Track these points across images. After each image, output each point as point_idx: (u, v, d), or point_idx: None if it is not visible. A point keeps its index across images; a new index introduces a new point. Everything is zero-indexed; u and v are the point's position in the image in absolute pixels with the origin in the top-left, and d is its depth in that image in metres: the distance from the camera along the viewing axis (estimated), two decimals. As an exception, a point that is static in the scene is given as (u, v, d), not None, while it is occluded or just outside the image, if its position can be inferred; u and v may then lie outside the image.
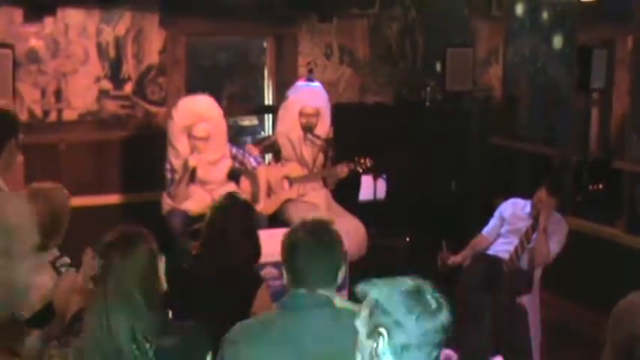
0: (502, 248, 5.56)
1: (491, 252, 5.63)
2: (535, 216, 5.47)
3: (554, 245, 5.41)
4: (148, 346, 2.51)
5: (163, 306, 2.68)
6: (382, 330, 2.04)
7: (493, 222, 5.76)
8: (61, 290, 3.03)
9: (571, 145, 6.43)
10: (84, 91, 6.36)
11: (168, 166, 5.73)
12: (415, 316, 2.03)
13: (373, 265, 5.92)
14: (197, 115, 5.64)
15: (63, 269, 3.24)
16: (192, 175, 5.65)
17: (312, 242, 2.70)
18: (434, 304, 2.04)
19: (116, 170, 6.51)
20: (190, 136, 5.64)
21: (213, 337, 2.73)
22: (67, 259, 3.31)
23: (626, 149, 5.77)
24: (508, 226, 5.63)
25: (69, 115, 6.35)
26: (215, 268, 3.54)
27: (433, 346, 2.04)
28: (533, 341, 5.45)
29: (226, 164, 5.83)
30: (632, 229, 5.56)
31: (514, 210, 5.68)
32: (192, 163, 5.62)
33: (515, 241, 5.51)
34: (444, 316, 2.04)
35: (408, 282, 2.08)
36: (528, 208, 5.57)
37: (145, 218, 2.74)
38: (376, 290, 2.08)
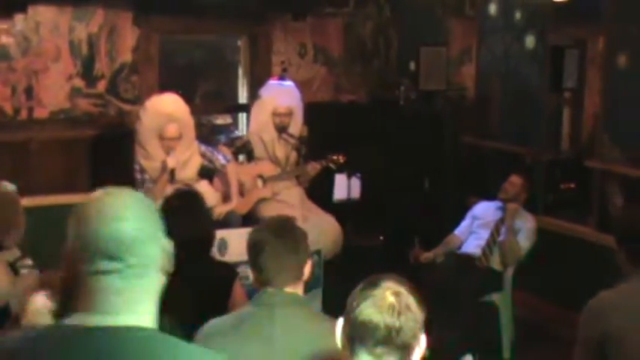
0: (474, 244, 5.62)
1: (463, 250, 5.68)
2: (504, 198, 5.54)
3: (523, 241, 5.46)
4: None
5: None
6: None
7: (465, 222, 5.84)
8: (19, 291, 2.98)
9: (543, 144, 6.47)
10: (55, 89, 6.30)
11: (137, 167, 5.68)
12: (358, 304, 2.01)
13: (347, 264, 5.92)
14: (166, 116, 5.59)
15: (24, 270, 3.19)
16: (171, 176, 5.61)
17: (276, 242, 2.70)
18: (390, 300, 1.99)
19: (88, 169, 6.46)
20: (161, 137, 5.59)
21: (189, 335, 2.72)
22: (29, 261, 3.26)
23: (598, 148, 5.81)
24: (479, 221, 5.70)
25: (40, 113, 6.29)
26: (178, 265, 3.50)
27: (376, 342, 1.99)
28: (504, 339, 5.48)
29: (196, 162, 5.80)
30: (603, 227, 5.60)
31: (484, 207, 5.76)
32: (170, 164, 5.58)
33: (486, 234, 5.56)
34: (396, 319, 1.98)
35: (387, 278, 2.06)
36: (498, 204, 5.64)
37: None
38: None
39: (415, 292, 2.05)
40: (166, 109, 5.61)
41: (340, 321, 2.08)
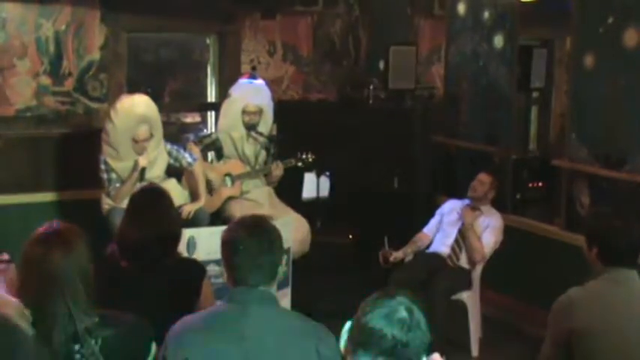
0: (442, 242, 5.64)
1: (431, 249, 5.70)
2: (473, 197, 5.58)
3: (489, 239, 5.49)
4: (93, 341, 2.47)
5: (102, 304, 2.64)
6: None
7: (433, 220, 5.86)
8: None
9: (511, 144, 6.52)
10: (22, 87, 6.24)
11: (103, 167, 5.62)
12: (370, 311, 2.03)
13: (316, 262, 5.92)
14: (138, 118, 5.55)
15: (1, 266, 3.16)
16: (141, 175, 5.59)
17: (251, 241, 2.68)
18: (402, 315, 2.02)
19: (55, 167, 6.40)
20: (134, 139, 5.56)
21: (158, 332, 2.71)
22: (5, 256, 3.23)
23: (565, 147, 5.86)
24: (447, 219, 5.72)
25: (6, 110, 6.22)
26: (146, 262, 3.49)
27: (380, 352, 2.01)
28: (472, 337, 5.51)
29: (163, 160, 5.77)
30: (571, 226, 5.65)
31: (453, 205, 5.78)
32: (142, 163, 5.56)
33: (452, 232, 5.59)
34: (405, 334, 2.01)
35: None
36: (467, 202, 5.67)
37: (84, 216, 2.69)
38: None
39: (427, 312, 2.09)
40: (138, 111, 5.56)
41: (348, 324, 2.10)
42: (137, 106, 5.59)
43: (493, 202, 5.72)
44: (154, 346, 2.64)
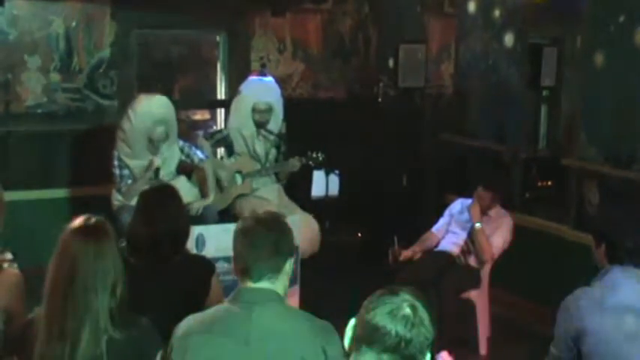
0: (451, 241, 5.63)
1: (440, 247, 5.70)
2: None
3: (498, 240, 5.47)
4: (103, 340, 2.49)
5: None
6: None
7: (442, 220, 5.84)
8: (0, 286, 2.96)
9: (521, 142, 6.51)
10: (33, 83, 6.26)
11: (116, 163, 5.65)
12: (373, 308, 2.04)
13: (325, 260, 5.93)
14: (156, 120, 5.58)
15: (5, 265, 3.16)
16: (155, 174, 5.62)
17: (258, 231, 2.70)
18: (406, 311, 2.04)
19: (65, 164, 6.43)
20: (150, 139, 5.59)
21: (168, 329, 2.72)
22: (9, 256, 3.21)
23: (575, 147, 5.85)
24: (456, 220, 5.71)
25: (17, 107, 6.25)
26: (155, 259, 3.50)
27: (385, 348, 2.02)
28: (481, 335, 5.51)
29: (175, 159, 5.79)
30: (580, 225, 5.64)
31: (461, 206, 5.77)
32: (157, 163, 5.61)
33: (461, 233, 5.58)
34: (408, 331, 2.02)
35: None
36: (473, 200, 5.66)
37: (93, 213, 2.70)
38: None
39: (431, 309, 2.10)
40: (157, 112, 5.60)
41: (352, 321, 2.11)
42: (156, 108, 5.63)
43: (502, 202, 5.71)
44: (159, 355, 2.64)
